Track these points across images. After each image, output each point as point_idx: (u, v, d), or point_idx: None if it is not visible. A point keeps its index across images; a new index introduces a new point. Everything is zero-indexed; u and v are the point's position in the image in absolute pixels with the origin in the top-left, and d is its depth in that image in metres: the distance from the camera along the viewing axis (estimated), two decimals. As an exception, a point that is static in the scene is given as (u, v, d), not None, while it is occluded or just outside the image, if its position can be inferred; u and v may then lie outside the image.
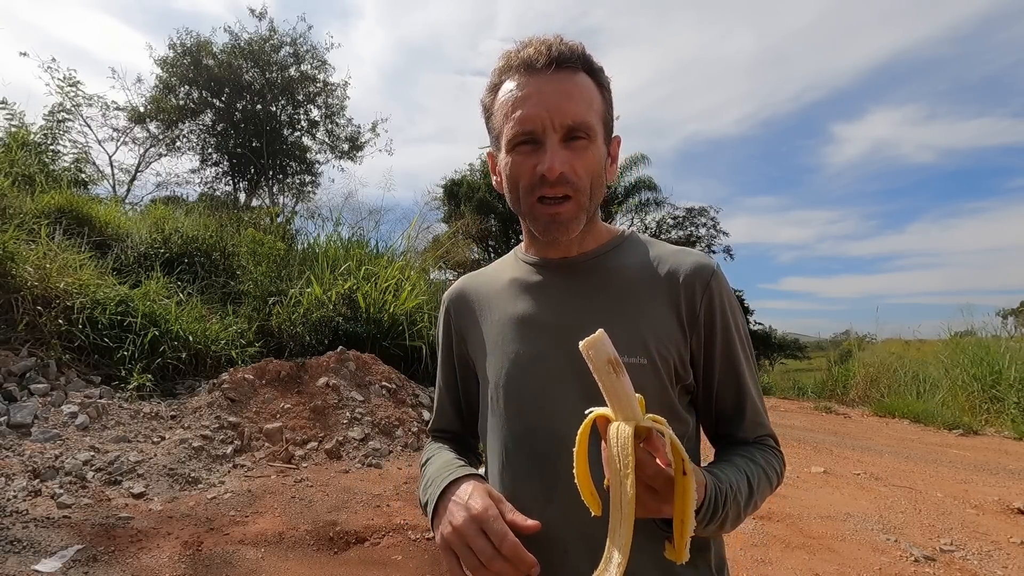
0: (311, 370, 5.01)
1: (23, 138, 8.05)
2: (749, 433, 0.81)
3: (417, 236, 9.31)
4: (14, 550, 2.52)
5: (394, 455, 4.44)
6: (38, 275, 4.70)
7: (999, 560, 3.15)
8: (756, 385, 0.82)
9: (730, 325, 0.78)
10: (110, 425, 3.97)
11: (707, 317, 0.76)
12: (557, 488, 0.73)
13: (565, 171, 0.70)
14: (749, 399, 0.80)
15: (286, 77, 13.83)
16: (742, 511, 0.71)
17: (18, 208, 5.71)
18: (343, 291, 6.12)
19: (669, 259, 0.79)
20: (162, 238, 6.62)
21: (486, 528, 0.64)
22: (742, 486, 0.71)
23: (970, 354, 8.40)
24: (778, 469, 0.80)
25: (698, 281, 0.76)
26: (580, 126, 0.70)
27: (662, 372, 0.73)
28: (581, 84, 0.72)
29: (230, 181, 14.47)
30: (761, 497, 0.75)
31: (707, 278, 0.77)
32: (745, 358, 0.80)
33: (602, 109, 0.74)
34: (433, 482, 0.77)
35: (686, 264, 0.78)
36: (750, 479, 0.73)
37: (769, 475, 0.78)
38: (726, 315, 0.78)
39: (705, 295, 0.76)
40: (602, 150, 0.74)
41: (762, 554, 3.09)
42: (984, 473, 5.04)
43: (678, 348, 0.75)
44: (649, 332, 0.74)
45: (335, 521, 3.16)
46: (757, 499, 0.74)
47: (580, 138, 0.71)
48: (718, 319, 0.77)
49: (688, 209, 19.10)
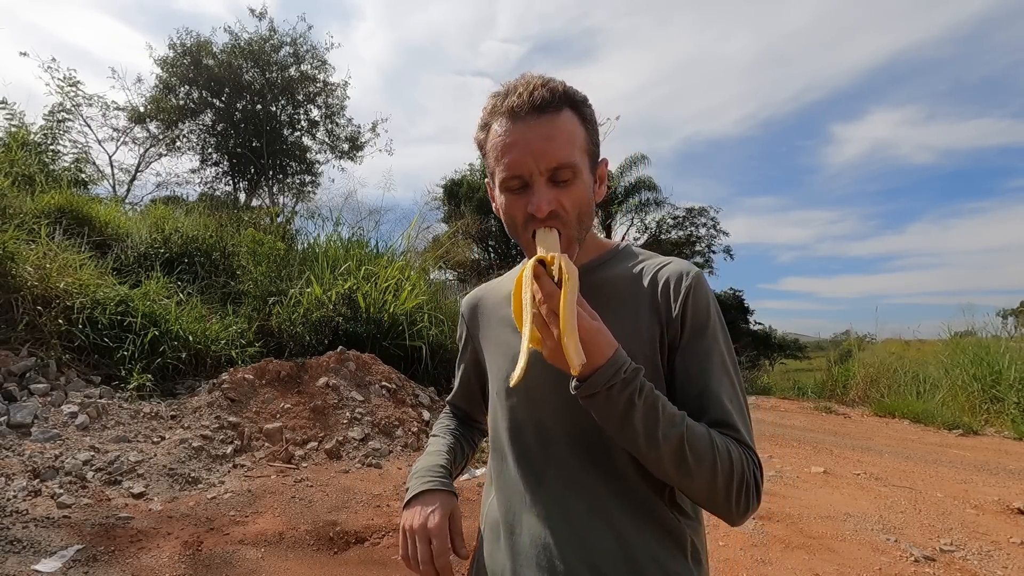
0: (311, 370, 5.01)
1: (23, 138, 8.05)
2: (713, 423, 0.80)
3: (417, 236, 9.31)
4: (14, 550, 2.52)
5: (394, 455, 4.44)
6: (38, 275, 4.70)
7: (999, 560, 3.15)
8: (733, 394, 0.79)
9: (702, 326, 0.81)
10: (110, 425, 3.97)
11: (680, 316, 0.81)
12: (546, 475, 0.84)
13: (553, 208, 0.78)
14: (714, 401, 0.77)
15: (286, 77, 13.83)
16: (660, 430, 0.69)
17: (18, 208, 5.71)
18: (343, 291, 6.12)
19: (653, 268, 0.86)
20: (162, 238, 6.62)
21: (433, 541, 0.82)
22: (670, 409, 0.71)
23: (970, 354, 8.40)
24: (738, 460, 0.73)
25: (675, 284, 0.82)
26: (563, 166, 0.77)
27: (649, 372, 0.78)
28: (562, 125, 0.78)
29: (230, 181, 14.48)
30: (696, 451, 0.70)
31: (685, 281, 0.82)
32: (720, 363, 0.80)
33: (585, 141, 0.80)
34: (418, 477, 0.93)
35: (667, 270, 0.85)
36: (687, 420, 0.72)
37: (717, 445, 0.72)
38: (699, 317, 0.81)
39: (680, 295, 0.81)
40: (587, 181, 0.81)
41: (762, 554, 3.09)
42: (984, 473, 5.04)
43: (659, 346, 0.81)
44: (633, 335, 0.81)
45: (335, 521, 3.16)
46: (690, 447, 0.70)
47: (565, 177, 0.78)
48: (689, 318, 0.81)
49: (688, 209, 19.11)
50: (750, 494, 0.74)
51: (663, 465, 0.72)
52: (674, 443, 0.70)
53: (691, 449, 0.70)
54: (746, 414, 0.80)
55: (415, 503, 0.88)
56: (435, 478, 0.91)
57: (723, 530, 3.32)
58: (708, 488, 0.72)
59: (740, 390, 0.81)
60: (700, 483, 0.72)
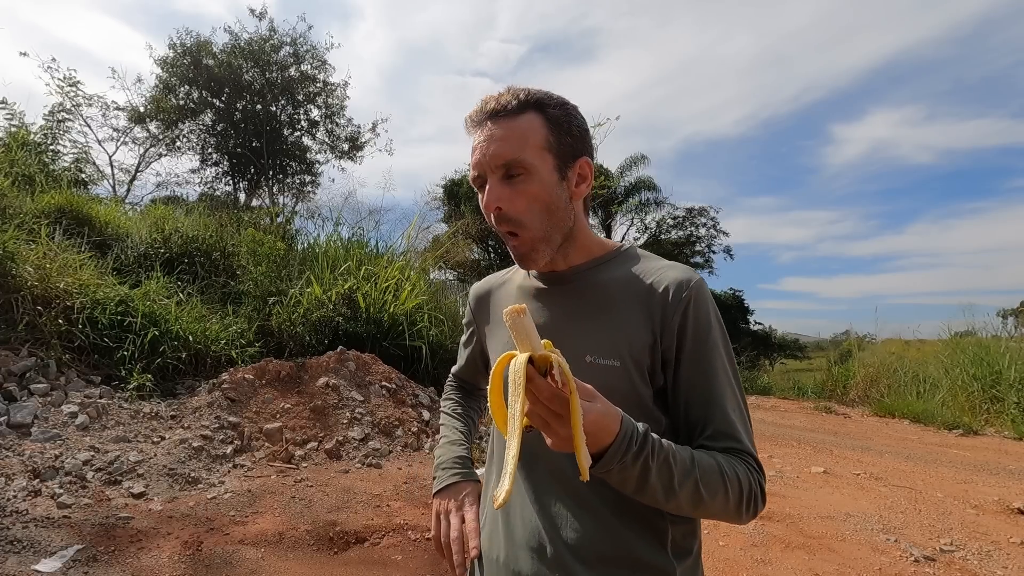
0: (311, 370, 5.01)
1: (23, 138, 8.04)
2: (716, 443, 0.80)
3: (417, 236, 9.31)
4: (14, 550, 2.52)
5: (394, 455, 4.44)
6: (38, 275, 4.70)
7: (999, 560, 3.15)
8: (735, 402, 0.82)
9: (705, 337, 0.82)
10: (110, 425, 3.97)
11: (680, 327, 0.81)
12: (538, 462, 0.88)
13: (502, 206, 0.82)
14: (718, 410, 0.80)
15: (286, 77, 13.82)
16: (676, 481, 0.72)
17: (18, 208, 5.71)
18: (343, 291, 6.12)
19: (653, 273, 0.86)
20: (162, 238, 6.62)
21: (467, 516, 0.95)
22: (681, 456, 0.73)
23: (970, 354, 8.39)
24: (744, 478, 0.77)
25: (674, 293, 0.82)
26: (512, 163, 0.80)
27: (634, 374, 0.82)
28: (517, 126, 0.81)
29: (230, 181, 14.47)
30: (709, 487, 0.74)
31: (684, 290, 0.82)
32: (723, 372, 0.82)
33: (547, 140, 0.82)
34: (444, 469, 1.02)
35: (667, 277, 0.84)
36: (696, 459, 0.75)
37: (727, 473, 0.76)
38: (700, 327, 0.82)
39: (680, 305, 0.81)
40: (548, 178, 0.82)
41: (762, 554, 3.09)
42: (984, 473, 5.04)
43: (652, 354, 0.82)
44: (623, 338, 0.83)
45: (335, 521, 3.16)
46: (704, 486, 0.73)
47: (517, 174, 0.81)
48: (690, 329, 0.81)
49: (688, 209, 19.10)
50: (756, 503, 0.78)
51: (681, 509, 0.76)
52: (689, 488, 0.73)
53: (705, 487, 0.74)
54: (747, 420, 0.83)
55: (446, 493, 0.99)
56: (461, 469, 1.01)
57: (723, 530, 3.32)
58: (720, 511, 0.77)
59: (741, 397, 0.84)
60: (713, 510, 0.77)
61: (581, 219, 0.90)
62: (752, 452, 0.80)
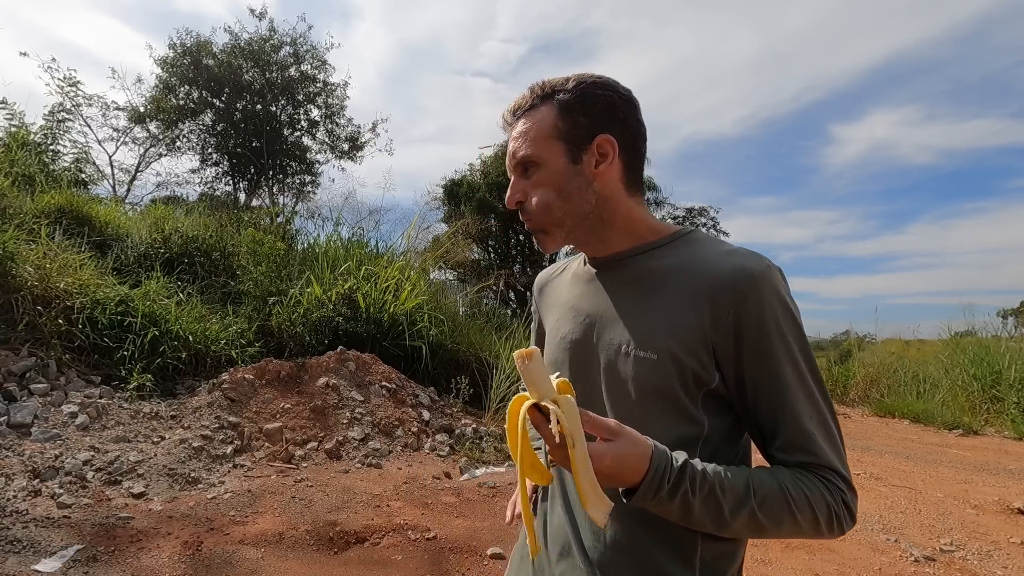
0: (311, 370, 5.01)
1: (23, 138, 8.04)
2: (789, 456, 0.73)
3: (417, 236, 9.31)
4: (14, 550, 2.52)
5: (394, 455, 4.44)
6: (38, 275, 4.70)
7: (999, 560, 3.15)
8: (812, 410, 0.73)
9: (767, 334, 0.73)
10: (110, 425, 3.97)
11: (736, 322, 0.73)
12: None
13: (519, 199, 0.85)
14: (789, 419, 0.72)
15: (286, 77, 13.82)
16: (726, 512, 0.69)
17: (18, 208, 5.71)
18: (343, 291, 6.11)
19: (710, 260, 0.77)
20: (162, 238, 6.61)
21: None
22: (732, 484, 0.69)
23: (970, 354, 8.39)
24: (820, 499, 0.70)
25: (730, 283, 0.74)
26: (524, 160, 0.83)
27: (672, 370, 0.75)
28: (530, 121, 0.83)
29: (230, 181, 14.47)
30: (771, 514, 0.69)
31: (742, 281, 0.73)
32: (793, 375, 0.73)
33: (557, 128, 0.81)
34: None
35: (724, 265, 0.76)
36: (753, 485, 0.70)
37: (793, 497, 0.69)
38: (762, 322, 0.73)
39: (736, 298, 0.73)
40: (556, 166, 0.82)
41: (762, 554, 3.09)
42: (984, 473, 5.04)
43: (699, 350, 0.74)
44: (665, 331, 0.76)
45: (335, 521, 3.16)
46: (764, 514, 0.69)
47: (529, 168, 0.83)
48: (749, 325, 0.73)
49: (688, 209, 19.09)
50: (838, 523, 0.72)
51: (740, 535, 0.73)
52: (745, 518, 0.69)
53: (765, 515, 0.69)
54: (831, 429, 0.74)
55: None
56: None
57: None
58: (790, 534, 0.72)
59: (824, 403, 0.74)
60: (781, 534, 0.72)
61: (617, 201, 0.83)
62: (834, 466, 0.72)
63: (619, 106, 0.82)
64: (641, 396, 0.77)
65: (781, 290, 0.75)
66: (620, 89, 0.83)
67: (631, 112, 0.83)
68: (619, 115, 0.82)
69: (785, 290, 0.75)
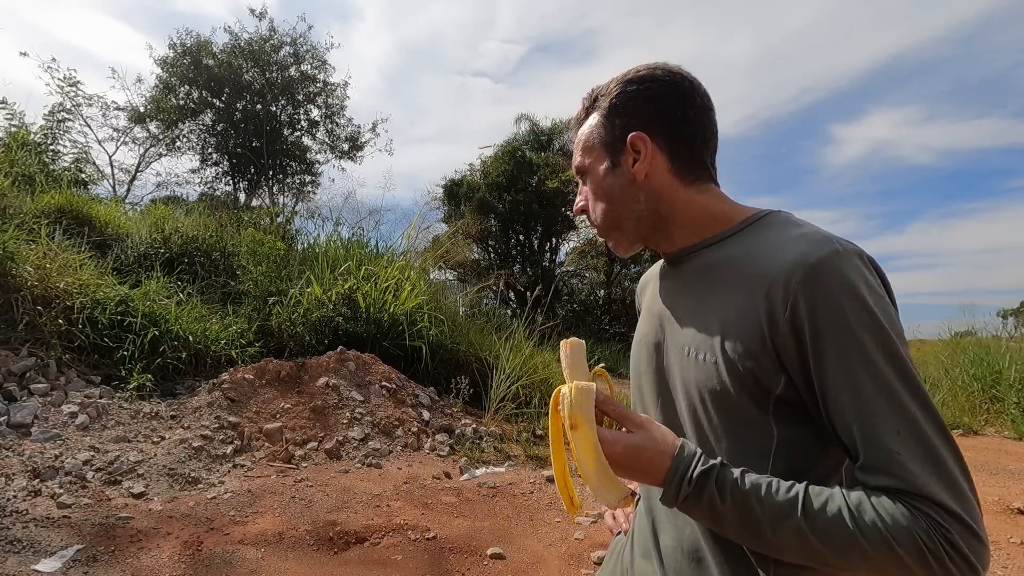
0: (311, 370, 5.01)
1: (23, 138, 8.05)
2: (870, 479, 0.61)
3: (417, 236, 9.30)
4: (14, 550, 2.52)
5: (394, 455, 4.44)
6: (38, 275, 4.70)
7: (999, 560, 3.15)
8: (900, 422, 0.60)
9: (831, 334, 0.62)
10: (110, 425, 3.97)
11: (793, 319, 0.64)
12: None
13: (582, 207, 0.89)
14: (868, 435, 0.60)
15: (286, 77, 13.84)
16: (766, 526, 0.62)
17: (18, 208, 5.71)
18: (343, 291, 6.11)
19: (773, 248, 0.70)
20: (162, 238, 6.62)
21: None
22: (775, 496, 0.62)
23: (970, 354, 8.39)
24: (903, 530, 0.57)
25: (785, 278, 0.65)
26: (577, 169, 0.87)
27: (729, 374, 0.69)
28: (580, 132, 0.87)
29: (230, 181, 14.48)
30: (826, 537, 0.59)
31: (797, 275, 0.64)
32: (872, 381, 0.61)
33: (600, 135, 0.83)
34: None
35: (782, 257, 0.67)
36: (803, 501, 0.61)
37: (863, 522, 0.58)
38: (827, 318, 0.62)
39: (791, 295, 0.64)
40: (600, 173, 0.84)
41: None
42: (984, 473, 5.04)
43: (758, 352, 0.67)
44: (722, 331, 0.70)
45: (335, 521, 3.16)
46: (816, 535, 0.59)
47: (584, 177, 0.87)
48: (810, 322, 0.63)
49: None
50: (945, 566, 0.56)
51: (805, 559, 0.62)
52: (791, 538, 0.60)
53: (821, 539, 0.59)
54: (930, 447, 0.59)
55: None
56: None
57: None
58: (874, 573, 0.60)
59: (919, 414, 0.60)
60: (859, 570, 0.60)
61: (671, 194, 0.80)
62: (932, 495, 0.57)
63: (656, 96, 0.79)
64: (706, 402, 0.72)
65: (852, 278, 0.63)
66: (659, 76, 0.79)
67: (672, 98, 0.79)
68: (656, 106, 0.79)
69: (859, 277, 0.63)
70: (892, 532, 0.57)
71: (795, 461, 0.68)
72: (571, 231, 16.61)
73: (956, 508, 0.57)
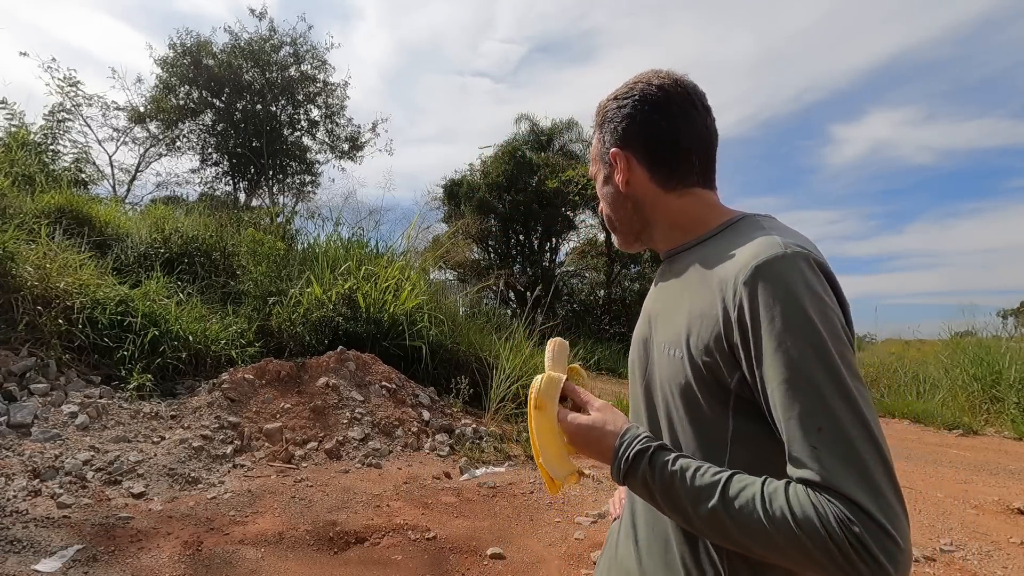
0: (311, 370, 5.01)
1: (23, 138, 8.05)
2: (794, 472, 0.63)
3: (417, 236, 9.30)
4: (14, 550, 2.52)
5: (394, 455, 4.44)
6: (38, 275, 4.70)
7: (999, 560, 3.15)
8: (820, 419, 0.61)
9: (768, 333, 0.65)
10: (110, 425, 3.97)
11: (740, 321, 0.68)
12: None
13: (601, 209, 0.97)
14: (792, 429, 0.63)
15: (286, 77, 13.84)
16: (688, 507, 0.65)
17: (18, 208, 5.71)
18: (343, 291, 6.11)
19: (729, 252, 0.74)
20: (162, 238, 6.62)
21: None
22: (698, 479, 0.65)
23: (970, 354, 8.39)
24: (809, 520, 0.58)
25: (736, 275, 0.69)
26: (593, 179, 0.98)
27: (689, 368, 0.74)
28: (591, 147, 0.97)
29: (230, 181, 14.49)
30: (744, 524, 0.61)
31: (743, 276, 0.68)
32: (798, 378, 0.63)
33: (598, 151, 0.93)
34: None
35: (736, 259, 0.72)
36: (724, 484, 0.64)
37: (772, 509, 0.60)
38: (764, 320, 0.65)
39: (741, 289, 0.68)
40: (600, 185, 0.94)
41: (762, 554, 3.09)
42: (984, 473, 5.04)
43: (714, 349, 0.71)
44: (688, 328, 0.75)
45: (335, 521, 3.16)
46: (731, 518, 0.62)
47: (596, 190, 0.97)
48: (751, 320, 0.66)
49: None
50: (850, 559, 0.56)
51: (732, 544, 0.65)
52: (710, 519, 0.64)
53: (736, 523, 0.62)
54: (849, 445, 0.60)
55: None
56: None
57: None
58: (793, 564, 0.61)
59: (842, 413, 0.61)
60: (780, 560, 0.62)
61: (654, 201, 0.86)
62: (842, 489, 0.58)
63: (632, 113, 0.85)
64: (675, 395, 0.77)
65: (791, 279, 0.66)
66: (636, 92, 0.85)
67: (648, 112, 0.84)
68: (633, 122, 0.85)
69: (799, 279, 0.66)
70: (799, 522, 0.58)
71: (753, 455, 0.71)
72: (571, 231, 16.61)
73: (869, 506, 0.57)
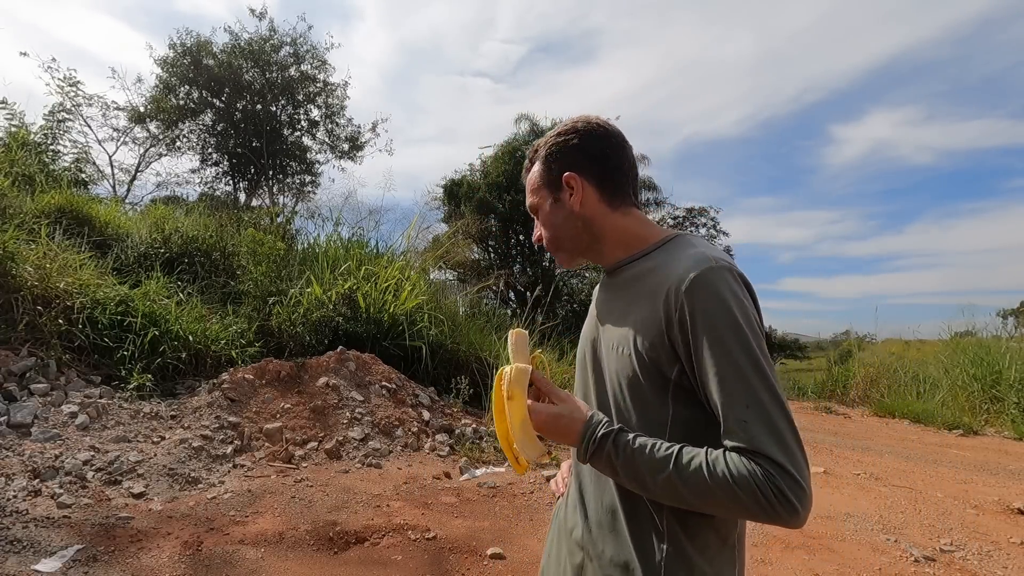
0: (311, 370, 5.01)
1: (23, 138, 8.04)
2: (729, 442, 0.79)
3: (417, 236, 9.30)
4: (14, 550, 2.52)
5: (394, 455, 4.44)
6: (38, 275, 4.70)
7: (999, 560, 3.15)
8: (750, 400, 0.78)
9: (704, 332, 0.81)
10: (110, 425, 3.97)
11: (680, 321, 0.83)
12: None
13: (539, 236, 1.07)
14: (728, 409, 0.79)
15: (286, 77, 13.82)
16: (647, 478, 0.81)
17: (18, 208, 5.71)
18: (343, 291, 6.11)
19: (670, 266, 0.89)
20: (162, 238, 6.62)
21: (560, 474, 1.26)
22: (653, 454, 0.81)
23: (970, 354, 8.39)
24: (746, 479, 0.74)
25: (676, 285, 0.84)
26: (530, 207, 1.06)
27: (638, 364, 0.88)
28: (529, 178, 1.06)
29: (230, 181, 14.47)
30: (690, 484, 0.77)
31: (682, 285, 0.83)
32: (732, 368, 0.79)
33: (544, 178, 1.02)
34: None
35: (676, 271, 0.86)
36: (677, 457, 0.79)
37: (716, 473, 0.76)
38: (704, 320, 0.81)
39: (681, 298, 0.83)
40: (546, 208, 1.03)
41: (762, 554, 3.09)
42: (984, 473, 5.04)
43: (659, 347, 0.86)
44: (635, 329, 0.90)
45: (335, 521, 3.16)
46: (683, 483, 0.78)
47: (536, 212, 1.06)
48: (691, 323, 0.82)
49: (688, 209, 19.07)
50: (775, 507, 0.73)
51: (680, 503, 0.81)
52: (666, 486, 0.80)
53: (687, 486, 0.78)
54: (769, 417, 0.77)
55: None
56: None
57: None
58: (731, 513, 0.79)
59: (762, 392, 0.78)
60: (717, 511, 0.80)
61: (602, 219, 0.99)
62: (766, 451, 0.75)
63: (580, 143, 0.99)
64: (623, 385, 0.91)
65: (721, 289, 0.82)
66: (580, 128, 1.00)
67: (592, 142, 0.99)
68: (581, 150, 0.99)
69: (727, 288, 0.82)
70: (736, 480, 0.75)
71: (687, 435, 0.86)
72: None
73: (784, 462, 0.75)
